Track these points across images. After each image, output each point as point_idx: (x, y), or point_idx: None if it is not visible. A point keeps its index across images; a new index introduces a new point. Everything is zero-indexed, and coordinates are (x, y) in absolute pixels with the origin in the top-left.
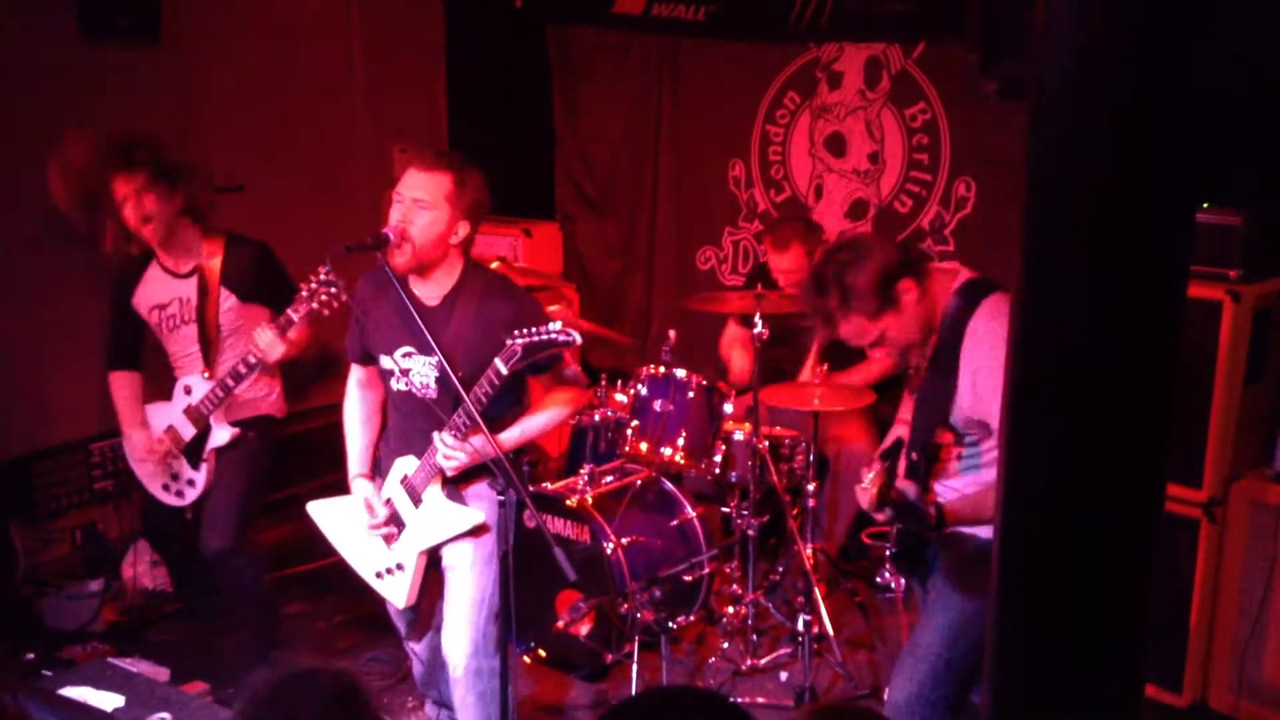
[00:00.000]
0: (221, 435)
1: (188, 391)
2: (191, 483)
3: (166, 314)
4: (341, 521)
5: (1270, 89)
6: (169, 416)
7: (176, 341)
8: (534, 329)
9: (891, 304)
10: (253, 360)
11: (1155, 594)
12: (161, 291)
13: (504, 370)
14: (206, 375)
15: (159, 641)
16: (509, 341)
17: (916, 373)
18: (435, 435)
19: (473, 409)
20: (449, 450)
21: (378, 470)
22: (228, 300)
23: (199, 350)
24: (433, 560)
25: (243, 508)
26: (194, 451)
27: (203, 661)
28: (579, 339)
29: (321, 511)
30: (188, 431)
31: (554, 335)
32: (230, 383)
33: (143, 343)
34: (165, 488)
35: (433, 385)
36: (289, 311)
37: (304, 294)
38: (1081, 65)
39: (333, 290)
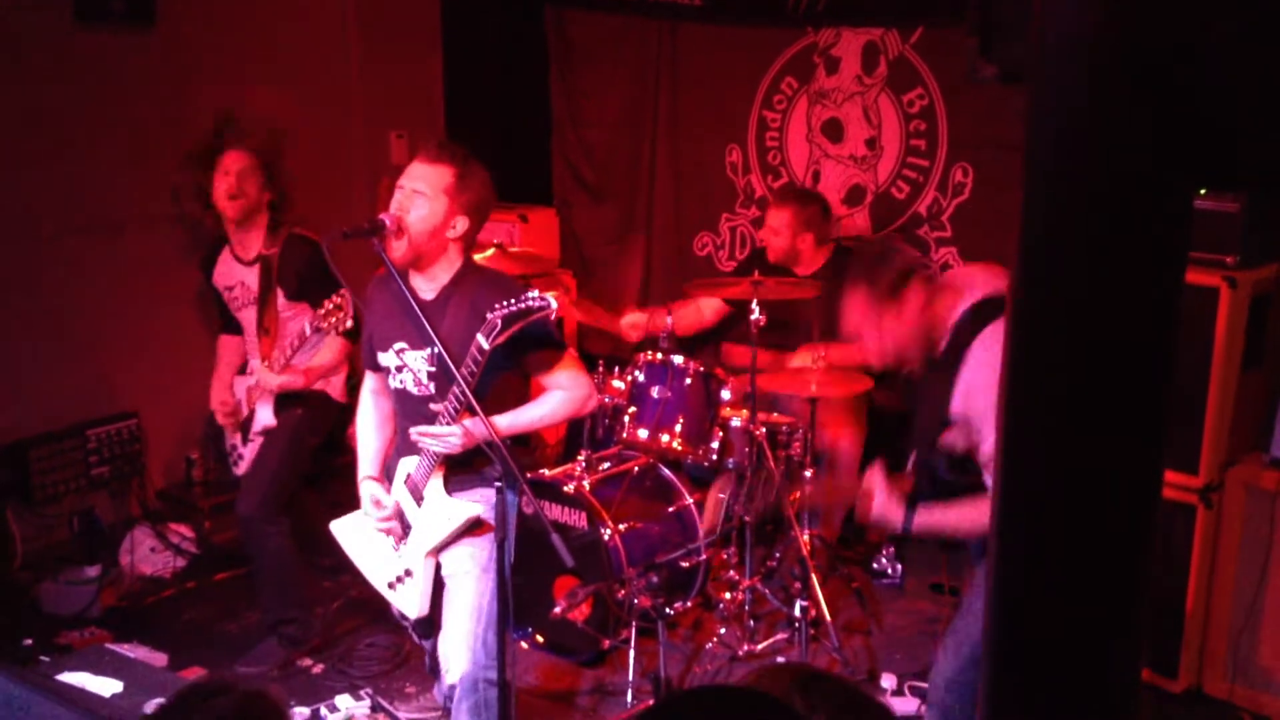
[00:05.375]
0: (264, 417)
1: (251, 373)
2: (241, 456)
3: (232, 295)
4: (357, 535)
5: (1272, 74)
6: (241, 387)
7: (243, 321)
8: (510, 299)
9: (894, 298)
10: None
11: (1151, 580)
12: (229, 274)
13: (485, 344)
14: (265, 363)
15: (156, 627)
16: (488, 315)
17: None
18: (413, 430)
19: (465, 389)
20: (439, 433)
21: (389, 475)
22: (279, 295)
23: (256, 335)
24: (440, 567)
25: (276, 479)
26: (248, 426)
27: (201, 647)
28: (555, 304)
29: (342, 529)
30: (244, 409)
31: (530, 303)
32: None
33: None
34: (231, 449)
35: (426, 379)
36: (279, 352)
37: (305, 329)
38: (1081, 49)
39: (340, 314)
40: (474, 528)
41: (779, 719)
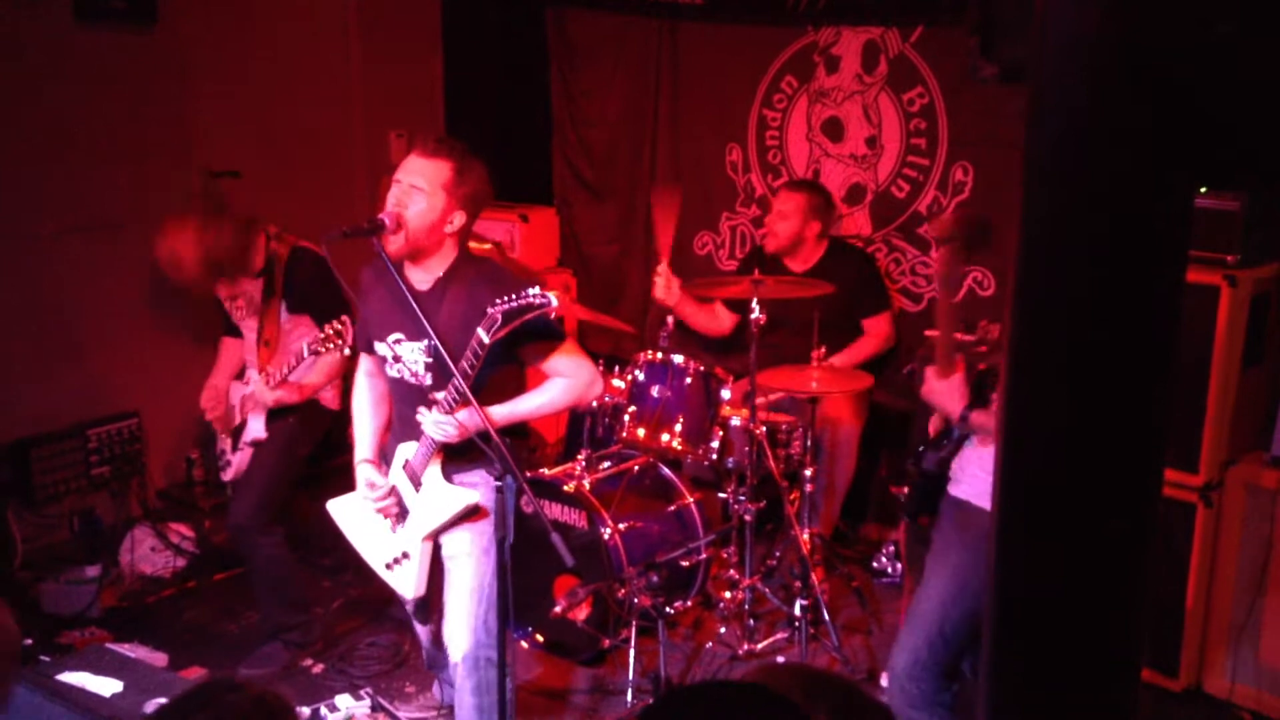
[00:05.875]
0: (255, 429)
1: (247, 382)
2: (229, 463)
3: (235, 304)
4: (354, 515)
5: (1272, 72)
6: (236, 394)
7: (245, 330)
8: (512, 294)
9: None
10: (253, 398)
11: (1151, 578)
12: (234, 284)
13: (485, 339)
14: (262, 374)
15: (157, 627)
16: (489, 310)
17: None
18: (420, 410)
19: (461, 381)
20: (437, 420)
21: (385, 459)
22: (282, 308)
23: (257, 345)
24: (439, 549)
25: (268, 488)
26: (239, 434)
27: (201, 646)
28: (555, 301)
29: (338, 508)
30: (237, 416)
31: (531, 299)
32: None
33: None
34: (220, 454)
35: (423, 370)
36: (278, 371)
37: (304, 351)
38: (1082, 47)
39: (339, 340)
40: (473, 513)
41: (780, 714)
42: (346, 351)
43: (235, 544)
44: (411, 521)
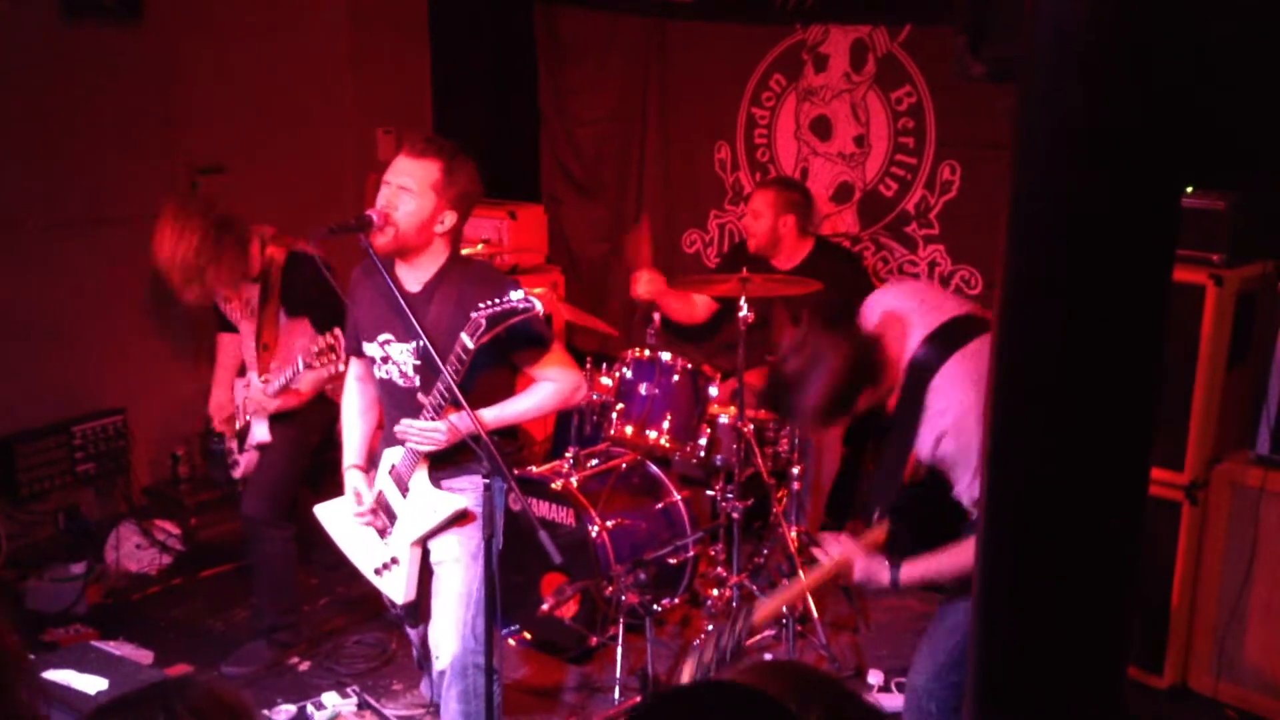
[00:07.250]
0: (259, 433)
1: (247, 385)
2: (237, 462)
3: (230, 306)
4: (343, 521)
5: (1266, 69)
6: (239, 393)
7: (243, 331)
8: (494, 299)
9: (842, 413)
10: (251, 408)
11: (1137, 576)
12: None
13: (470, 344)
14: (262, 378)
15: (142, 624)
16: (472, 315)
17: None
18: (403, 421)
19: (451, 382)
20: (422, 428)
21: (374, 463)
22: (281, 313)
23: (255, 348)
24: (428, 554)
25: (279, 481)
26: (244, 435)
27: (187, 644)
28: (539, 306)
29: (326, 514)
30: (241, 418)
31: (514, 304)
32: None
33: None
34: (229, 453)
35: (411, 372)
36: (276, 379)
37: (299, 364)
38: (1070, 47)
39: (332, 355)
40: (461, 518)
41: (774, 718)
42: (342, 368)
43: (246, 535)
44: (400, 527)
